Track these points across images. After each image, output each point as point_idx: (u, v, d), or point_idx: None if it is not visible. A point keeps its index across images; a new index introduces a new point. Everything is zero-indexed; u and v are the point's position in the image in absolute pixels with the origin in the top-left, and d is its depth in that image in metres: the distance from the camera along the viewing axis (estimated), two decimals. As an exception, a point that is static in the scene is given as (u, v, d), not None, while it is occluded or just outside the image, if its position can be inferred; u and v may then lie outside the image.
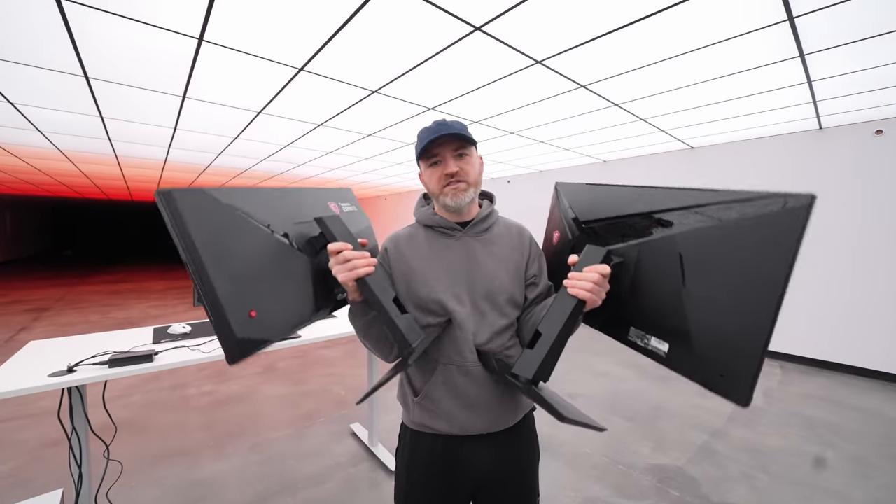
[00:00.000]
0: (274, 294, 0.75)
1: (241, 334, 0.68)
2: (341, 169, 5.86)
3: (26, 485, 1.98)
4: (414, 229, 0.97)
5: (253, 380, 3.44)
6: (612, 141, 4.16)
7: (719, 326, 0.63)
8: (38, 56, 2.07)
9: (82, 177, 6.48)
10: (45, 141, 3.92)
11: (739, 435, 2.47)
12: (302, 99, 2.79)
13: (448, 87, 2.60)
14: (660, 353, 0.72)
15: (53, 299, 6.96)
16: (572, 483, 2.01)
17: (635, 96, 2.78)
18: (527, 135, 3.90)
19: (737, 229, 0.60)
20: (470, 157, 0.89)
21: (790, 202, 0.55)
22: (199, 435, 2.49)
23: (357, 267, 0.76)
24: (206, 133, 3.70)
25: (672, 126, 3.57)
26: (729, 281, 0.61)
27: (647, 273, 0.73)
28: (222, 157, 4.93)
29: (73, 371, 1.25)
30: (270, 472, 2.11)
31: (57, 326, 5.06)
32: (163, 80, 2.42)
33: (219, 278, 0.66)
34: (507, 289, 0.92)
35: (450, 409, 0.88)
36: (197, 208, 0.66)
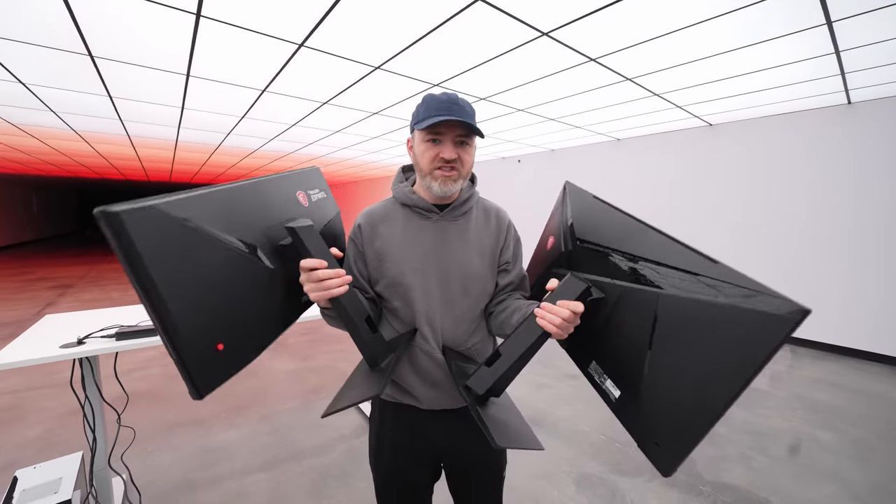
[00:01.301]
0: (240, 319, 0.68)
1: (207, 370, 0.62)
2: (350, 149, 5.83)
3: (53, 447, 2.12)
4: (390, 206, 0.95)
5: (263, 355, 3.53)
6: (625, 118, 4.02)
7: (669, 400, 0.61)
8: (42, 35, 2.08)
9: (98, 157, 6.62)
10: (60, 121, 4.00)
11: (741, 417, 2.46)
12: (305, 76, 2.75)
13: (452, 63, 2.53)
14: (611, 397, 0.71)
15: (77, 277, 7.26)
16: (568, 459, 2.05)
17: (648, 70, 2.66)
18: (536, 112, 3.79)
19: (717, 315, 0.56)
20: (469, 147, 0.86)
21: (784, 309, 0.50)
22: (212, 406, 2.61)
23: (331, 287, 0.73)
24: (214, 112, 3.71)
25: (688, 102, 3.41)
26: (691, 361, 0.58)
27: (621, 319, 0.70)
28: (232, 137, 4.95)
29: (83, 343, 1.31)
30: (278, 442, 2.21)
31: (81, 302, 5.30)
32: (165, 59, 2.41)
33: (180, 312, 0.58)
34: (480, 274, 0.92)
35: (414, 385, 0.92)
36: (149, 230, 0.55)
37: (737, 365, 0.53)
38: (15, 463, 1.97)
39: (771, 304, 0.51)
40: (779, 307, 0.50)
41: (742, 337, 0.53)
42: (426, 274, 0.89)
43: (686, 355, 0.59)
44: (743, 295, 0.54)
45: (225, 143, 5.38)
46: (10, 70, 2.57)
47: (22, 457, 2.04)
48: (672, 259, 0.64)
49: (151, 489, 1.81)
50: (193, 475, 1.92)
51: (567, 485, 1.87)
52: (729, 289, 0.56)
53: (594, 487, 1.85)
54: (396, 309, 0.92)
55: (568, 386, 2.88)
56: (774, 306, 0.51)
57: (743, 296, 0.54)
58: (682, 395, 0.59)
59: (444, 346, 0.90)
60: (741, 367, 0.52)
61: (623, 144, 5.14)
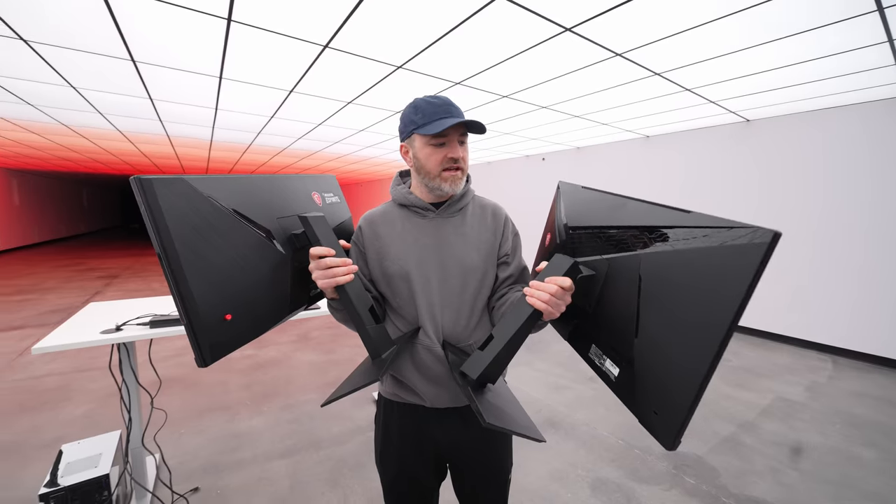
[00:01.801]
0: (250, 295, 0.72)
1: (214, 338, 0.65)
2: (374, 147, 5.92)
3: (96, 425, 2.29)
4: (389, 208, 0.98)
5: (288, 347, 3.69)
6: (654, 114, 3.88)
7: (660, 360, 0.60)
8: (90, 41, 2.24)
9: (141, 156, 7.03)
10: (107, 123, 4.28)
11: (772, 429, 2.34)
12: (329, 77, 2.82)
13: (473, 61, 2.52)
14: (611, 377, 0.70)
15: (122, 268, 7.76)
16: (584, 463, 2.02)
17: (678, 64, 2.55)
18: (560, 109, 3.72)
19: (695, 258, 0.55)
20: (466, 145, 0.91)
21: (753, 236, 0.49)
22: (239, 393, 2.74)
23: (337, 275, 0.76)
24: (245, 113, 3.87)
25: (723, 96, 3.26)
26: (675, 315, 0.57)
27: (612, 292, 0.71)
28: (262, 137, 5.13)
29: (120, 329, 1.41)
30: (299, 430, 2.29)
31: (125, 292, 5.67)
32: (200, 62, 2.54)
33: (195, 278, 0.62)
34: (478, 267, 0.93)
35: (418, 383, 0.93)
36: (175, 199, 0.61)
37: (717, 308, 0.51)
38: (62, 438, 2.15)
39: (739, 236, 0.50)
40: (746, 237, 0.49)
41: (717, 277, 0.52)
42: (425, 269, 0.91)
43: (670, 310, 0.58)
44: (713, 234, 0.54)
45: (256, 142, 5.59)
46: (63, 75, 2.77)
47: (69, 433, 2.22)
48: (651, 221, 0.65)
49: (181, 469, 1.93)
50: (219, 458, 2.03)
51: (581, 488, 1.84)
52: (701, 232, 0.56)
53: (609, 493, 1.81)
54: (398, 307, 0.94)
55: (589, 389, 2.82)
56: (742, 237, 0.50)
57: (712, 235, 0.54)
58: (671, 353, 0.58)
59: (444, 341, 0.91)
60: (722, 309, 0.51)
61: (653, 142, 4.96)
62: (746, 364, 3.36)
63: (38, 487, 1.36)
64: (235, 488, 1.81)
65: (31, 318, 4.37)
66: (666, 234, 0.61)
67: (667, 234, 0.61)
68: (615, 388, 0.69)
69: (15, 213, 10.17)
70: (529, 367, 3.24)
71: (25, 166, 9.01)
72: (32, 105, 3.61)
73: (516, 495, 1.77)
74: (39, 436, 2.19)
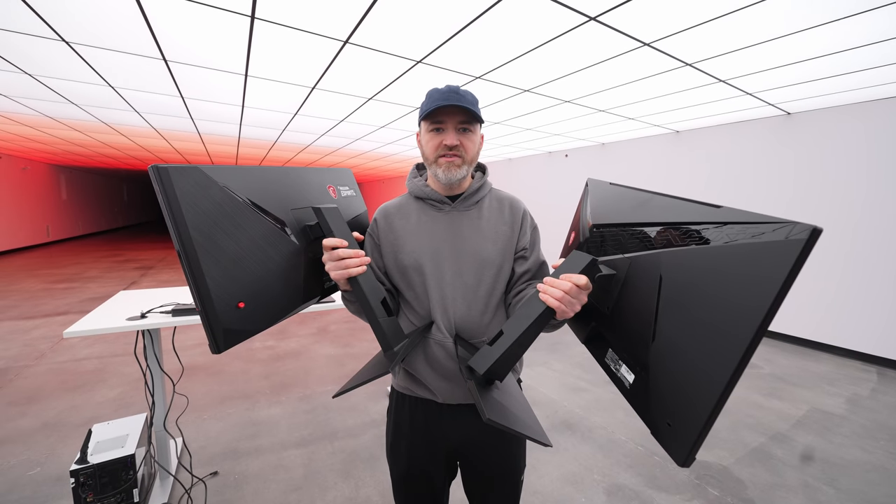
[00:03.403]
0: (263, 284, 0.73)
1: (227, 325, 0.66)
2: (395, 143, 5.96)
3: (127, 407, 2.41)
4: (405, 200, 0.98)
5: (308, 339, 3.77)
6: (685, 108, 3.71)
7: (677, 367, 0.56)
8: (126, 42, 2.34)
9: (175, 153, 7.35)
10: (142, 120, 4.49)
11: (807, 442, 2.20)
12: (350, 73, 2.84)
13: (493, 54, 2.48)
14: (625, 384, 0.66)
15: (157, 259, 8.16)
16: (601, 468, 1.96)
17: (711, 53, 2.42)
18: (584, 103, 3.62)
19: (723, 256, 0.51)
20: (472, 134, 0.88)
21: (794, 233, 0.44)
22: (259, 383, 2.82)
23: (350, 266, 0.77)
24: (270, 110, 3.97)
25: (761, 88, 3.07)
26: (698, 316, 0.53)
27: (632, 293, 0.67)
28: (287, 134, 5.26)
29: (145, 317, 1.48)
30: (315, 421, 2.34)
31: (158, 282, 5.96)
32: (227, 60, 2.61)
33: (209, 265, 0.64)
34: (493, 260, 0.91)
35: (429, 378, 0.92)
36: (191, 187, 0.63)
37: (743, 311, 0.47)
38: (96, 418, 2.28)
39: (773, 233, 0.46)
40: (782, 233, 0.45)
41: (746, 276, 0.47)
42: (439, 262, 0.90)
43: (690, 312, 0.54)
44: (744, 231, 0.49)
45: (281, 139, 5.74)
46: (101, 75, 2.92)
47: (102, 413, 2.35)
48: (677, 217, 0.61)
49: (202, 452, 2.00)
50: (238, 444, 2.09)
51: (596, 493, 1.78)
52: (732, 229, 0.51)
53: (626, 499, 1.75)
54: (411, 299, 0.93)
55: (607, 392, 2.74)
56: (778, 233, 0.45)
57: (744, 231, 0.49)
58: (689, 359, 0.54)
59: (455, 336, 0.89)
60: (748, 313, 0.46)
61: (683, 137, 4.75)
62: (780, 372, 3.17)
63: (72, 464, 1.44)
64: (252, 474, 1.86)
65: (74, 305, 4.66)
66: (692, 231, 0.57)
67: (693, 231, 0.57)
68: (629, 397, 0.66)
69: (63, 207, 10.88)
70: (547, 367, 3.19)
71: (72, 162, 9.60)
72: (76, 104, 3.83)
73: (528, 497, 1.73)
74: (77, 415, 2.33)
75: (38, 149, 7.34)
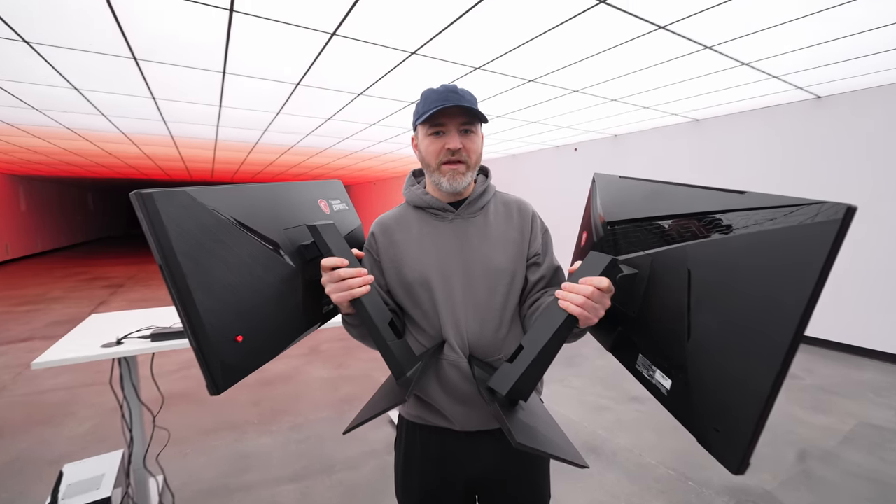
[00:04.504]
0: (262, 313, 0.74)
1: (226, 362, 0.67)
2: (388, 142, 5.99)
3: (100, 443, 2.40)
4: (403, 211, 0.99)
5: (298, 360, 3.76)
6: (705, 94, 3.74)
7: (718, 366, 0.56)
8: (91, 40, 2.36)
9: (146, 158, 7.38)
10: (110, 125, 4.52)
11: (858, 460, 2.19)
12: (338, 67, 2.87)
13: (495, 42, 2.51)
14: (662, 391, 0.67)
15: (126, 276, 8.16)
16: (628, 495, 1.95)
17: (733, 35, 2.45)
18: (595, 92, 3.65)
19: (753, 244, 0.53)
20: (475, 135, 0.89)
21: (821, 214, 0.45)
22: (247, 411, 2.81)
23: (352, 287, 0.76)
24: (250, 109, 3.99)
25: (787, 70, 3.10)
26: (735, 308, 0.54)
27: (658, 291, 0.68)
28: (269, 134, 5.29)
29: (121, 343, 1.48)
30: (309, 452, 2.32)
31: (130, 301, 5.95)
32: (202, 57, 2.63)
33: (203, 297, 0.64)
34: (506, 268, 0.92)
35: (443, 403, 0.91)
36: (179, 213, 0.63)
37: (784, 300, 0.48)
38: (65, 456, 2.26)
39: (805, 215, 0.47)
40: (814, 215, 0.46)
41: (781, 263, 0.49)
42: (447, 275, 0.90)
43: (726, 305, 0.56)
44: (773, 216, 0.50)
45: (262, 141, 5.76)
46: (65, 76, 2.95)
47: (73, 450, 2.33)
48: (698, 206, 0.63)
49: (185, 491, 1.99)
50: (226, 480, 2.08)
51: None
52: (758, 214, 0.52)
53: (660, 531, 1.74)
54: (419, 318, 0.93)
55: (633, 410, 2.73)
56: (810, 215, 0.46)
57: (772, 217, 0.50)
58: (730, 356, 0.55)
59: (469, 355, 0.89)
60: (789, 301, 0.47)
61: (703, 126, 4.79)
62: (822, 382, 3.16)
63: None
64: (242, 515, 1.85)
65: (38, 330, 4.65)
66: (716, 220, 0.59)
67: (717, 220, 0.58)
68: (668, 404, 0.66)
69: (23, 220, 10.90)
70: (563, 384, 3.17)
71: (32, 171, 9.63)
72: (37, 109, 3.85)
73: (550, 531, 1.72)
74: (45, 452, 2.31)
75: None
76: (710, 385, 0.58)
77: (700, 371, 0.60)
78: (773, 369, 0.49)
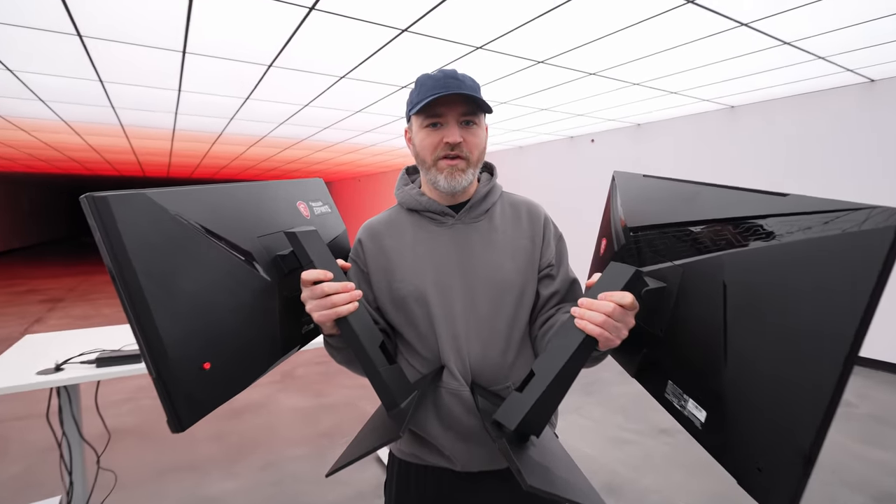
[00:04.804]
0: (232, 335, 0.73)
1: (191, 395, 0.65)
2: (374, 132, 6.01)
3: (32, 488, 2.36)
4: (395, 214, 0.99)
5: (270, 387, 3.73)
6: (741, 77, 3.79)
7: (761, 395, 0.56)
8: (28, 14, 2.36)
9: (91, 151, 7.36)
10: (49, 111, 4.51)
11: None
12: (318, 46, 2.88)
13: (497, 18, 2.53)
14: (696, 424, 0.66)
15: (67, 289, 8.09)
16: (659, 546, 1.94)
17: (772, 11, 2.49)
18: (614, 75, 3.69)
19: (797, 255, 0.53)
20: (477, 128, 0.90)
21: (870, 221, 0.46)
22: (208, 448, 2.78)
23: (337, 304, 0.75)
24: (214, 94, 4.00)
25: (835, 50, 3.15)
26: (777, 329, 0.54)
27: (690, 307, 0.68)
28: (235, 123, 5.30)
29: (61, 369, 1.46)
30: (283, 497, 2.30)
31: (70, 319, 5.89)
32: (159, 33, 2.64)
33: (164, 317, 0.63)
34: (514, 281, 0.92)
35: (442, 439, 0.90)
36: (138, 220, 0.62)
37: (834, 318, 0.48)
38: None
39: (856, 221, 0.47)
40: (866, 221, 0.46)
41: (829, 276, 0.49)
42: (446, 289, 0.90)
43: (767, 325, 0.56)
44: (817, 222, 0.51)
45: (228, 131, 5.77)
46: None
47: (3, 496, 2.29)
48: (734, 211, 0.63)
49: (136, 546, 1.96)
50: (183, 533, 2.05)
51: (656, 581, 1.76)
52: (804, 220, 0.53)
53: (695, 588, 1.72)
54: (413, 340, 0.93)
55: (661, 444, 2.73)
56: (861, 222, 0.47)
57: (819, 223, 0.51)
58: (774, 383, 0.55)
59: (472, 383, 0.89)
60: (840, 318, 0.47)
61: (739, 113, 4.84)
62: (879, 411, 3.17)
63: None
64: (203, 573, 1.82)
65: (-39, 353, 4.59)
66: (755, 227, 0.59)
67: (757, 227, 0.59)
68: (702, 439, 0.66)
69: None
70: (580, 414, 3.16)
71: (-44, 167, 9.59)
72: (-37, 93, 3.85)
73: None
74: (-34, 501, 2.27)
75: (-87, 151, 7.33)
76: (752, 417, 0.58)
77: (739, 401, 0.60)
78: (822, 399, 0.48)
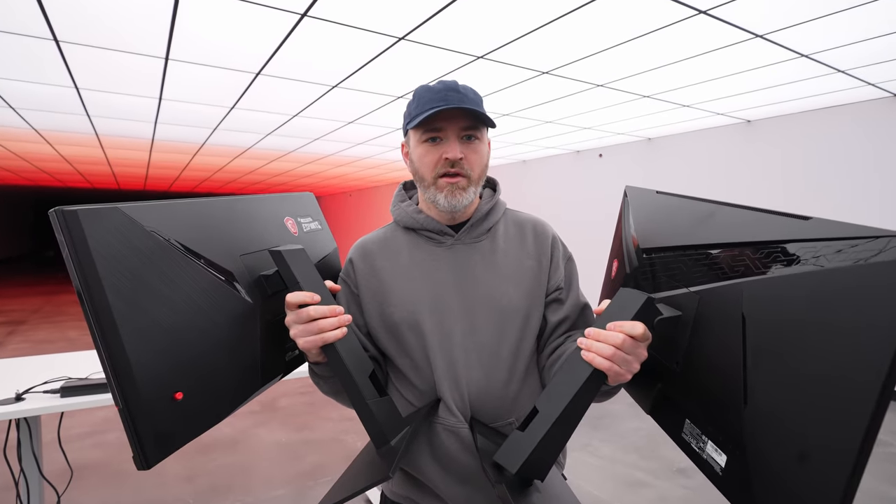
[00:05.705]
0: (208, 362, 0.73)
1: (161, 427, 0.65)
2: (368, 144, 6.08)
3: (-16, 533, 2.30)
4: (390, 233, 1.00)
5: (248, 420, 3.68)
6: (757, 90, 3.87)
7: (785, 439, 0.56)
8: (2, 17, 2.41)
9: (62, 161, 7.40)
10: (19, 119, 4.55)
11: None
12: (309, 54, 2.94)
13: (499, 27, 2.59)
14: (716, 469, 0.66)
15: (29, 311, 8.03)
16: None
17: (788, 22, 2.56)
18: (624, 87, 3.76)
19: (822, 284, 0.53)
20: (479, 143, 0.91)
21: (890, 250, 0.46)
22: (178, 488, 2.73)
23: (324, 329, 0.75)
24: (197, 103, 4.06)
25: (855, 63, 3.23)
26: (802, 366, 0.54)
27: (707, 340, 0.67)
28: (219, 133, 5.36)
29: (22, 399, 1.44)
30: (260, 544, 2.25)
31: (32, 343, 5.83)
32: (141, 39, 2.69)
33: (135, 342, 0.63)
34: (519, 307, 0.92)
35: (437, 481, 0.90)
36: (109, 236, 0.62)
37: (863, 355, 0.47)
38: (-62, 550, 2.16)
39: (886, 249, 0.47)
40: (878, 250, 0.47)
41: (857, 308, 0.48)
42: (443, 315, 0.90)
43: (790, 362, 0.55)
44: (846, 249, 0.51)
45: (210, 141, 5.83)
46: (-32, 61, 2.99)
47: (-53, 543, 2.23)
48: (752, 233, 0.63)
49: None
50: (149, 584, 2.00)
51: None
52: (826, 247, 0.53)
53: None
54: (407, 370, 0.93)
55: (677, 486, 2.69)
56: (872, 252, 0.47)
57: (845, 250, 0.51)
58: (799, 427, 0.54)
59: (471, 419, 0.88)
60: (869, 356, 0.47)
61: (756, 128, 4.93)
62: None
63: None
64: None
65: None
66: (777, 252, 0.59)
67: (776, 253, 0.59)
68: (722, 485, 0.65)
69: None
70: (589, 451, 3.13)
71: (-85, 177, 9.60)
72: (-73, 99, 3.89)
73: None
74: None
75: None
76: (774, 464, 0.58)
77: (761, 446, 0.59)
78: (853, 443, 0.48)
